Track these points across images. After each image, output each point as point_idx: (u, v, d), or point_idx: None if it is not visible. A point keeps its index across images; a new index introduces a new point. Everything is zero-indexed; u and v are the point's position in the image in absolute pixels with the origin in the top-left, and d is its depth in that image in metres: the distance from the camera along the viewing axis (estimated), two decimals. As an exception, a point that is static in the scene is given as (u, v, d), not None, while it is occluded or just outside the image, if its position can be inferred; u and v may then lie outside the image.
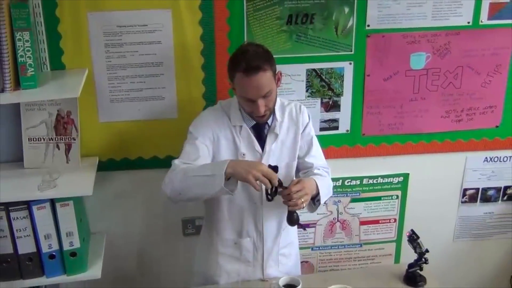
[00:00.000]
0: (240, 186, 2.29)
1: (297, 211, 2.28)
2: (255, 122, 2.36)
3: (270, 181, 2.14)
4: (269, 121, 2.39)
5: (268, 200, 2.27)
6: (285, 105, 2.46)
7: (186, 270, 2.74)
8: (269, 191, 2.22)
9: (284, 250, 2.55)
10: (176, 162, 2.28)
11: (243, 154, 2.37)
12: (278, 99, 2.39)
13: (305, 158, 2.49)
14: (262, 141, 2.39)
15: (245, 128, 2.37)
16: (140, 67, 2.61)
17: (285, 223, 2.36)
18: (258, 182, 2.11)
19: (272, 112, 2.37)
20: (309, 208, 2.41)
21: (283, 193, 2.22)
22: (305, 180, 2.31)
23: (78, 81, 2.41)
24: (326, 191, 2.44)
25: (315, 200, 2.37)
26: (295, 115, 2.45)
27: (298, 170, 2.51)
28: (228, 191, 2.15)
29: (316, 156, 2.51)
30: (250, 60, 2.19)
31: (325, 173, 2.51)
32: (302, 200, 2.22)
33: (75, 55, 2.55)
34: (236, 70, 2.22)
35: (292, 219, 2.30)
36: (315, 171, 2.47)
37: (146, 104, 2.67)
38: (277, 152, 2.41)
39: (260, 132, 2.39)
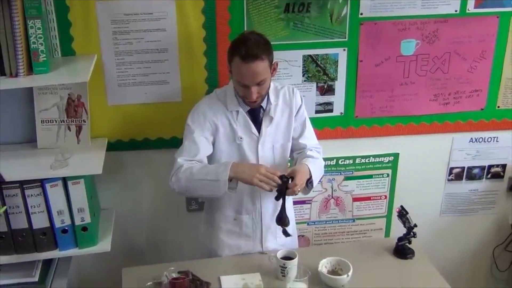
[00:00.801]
0: None
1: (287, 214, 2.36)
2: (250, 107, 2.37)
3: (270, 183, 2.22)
4: (264, 105, 2.39)
5: (277, 199, 2.31)
6: (278, 88, 2.45)
7: (190, 243, 2.76)
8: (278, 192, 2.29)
9: None
10: (179, 160, 2.30)
11: (241, 138, 2.38)
12: (271, 83, 2.39)
13: (299, 140, 2.50)
14: (258, 124, 2.40)
15: (241, 112, 2.37)
16: (146, 53, 2.60)
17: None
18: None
19: (264, 98, 2.36)
20: (303, 192, 2.43)
21: (291, 184, 2.27)
22: (299, 170, 2.32)
23: (87, 66, 2.41)
24: (318, 174, 2.46)
25: (307, 182, 2.39)
26: (289, 97, 2.45)
27: (292, 150, 2.52)
28: (231, 191, 2.25)
29: (309, 137, 2.52)
30: (250, 48, 2.19)
31: (317, 153, 2.51)
32: (299, 189, 2.29)
33: (85, 42, 2.54)
34: (235, 55, 2.22)
35: (283, 221, 2.35)
36: (308, 152, 2.48)
37: (151, 88, 2.66)
38: (273, 134, 2.42)
39: (256, 115, 2.40)
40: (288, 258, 2.38)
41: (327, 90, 2.81)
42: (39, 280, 2.48)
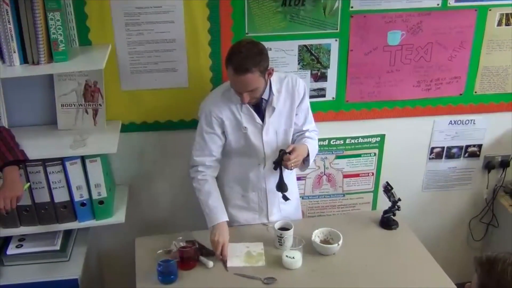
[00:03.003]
0: (247, 150, 2.39)
1: (285, 181, 2.38)
2: None
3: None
4: (266, 96, 2.35)
5: (274, 169, 2.33)
6: (282, 78, 2.40)
7: (197, 215, 2.74)
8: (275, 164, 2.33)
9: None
10: (196, 159, 2.38)
11: (245, 128, 2.36)
12: (275, 74, 2.35)
13: (303, 127, 2.49)
14: (261, 114, 2.37)
15: (245, 105, 2.33)
16: (156, 43, 2.57)
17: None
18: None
19: (259, 98, 2.32)
20: (300, 168, 2.44)
21: (285, 157, 2.28)
22: (298, 148, 2.33)
23: (103, 55, 2.39)
24: (314, 153, 2.47)
25: (304, 160, 2.40)
26: (291, 87, 2.41)
27: (293, 133, 2.50)
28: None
29: (310, 122, 2.52)
30: (241, 62, 2.14)
31: (315, 135, 2.51)
32: (293, 164, 2.29)
33: (100, 33, 2.51)
34: (229, 65, 2.19)
35: (282, 188, 2.38)
36: (307, 134, 2.49)
37: (161, 75, 2.64)
38: (276, 122, 2.40)
39: (259, 105, 2.36)
40: (284, 228, 2.39)
41: (320, 77, 2.79)
42: (61, 248, 2.50)
